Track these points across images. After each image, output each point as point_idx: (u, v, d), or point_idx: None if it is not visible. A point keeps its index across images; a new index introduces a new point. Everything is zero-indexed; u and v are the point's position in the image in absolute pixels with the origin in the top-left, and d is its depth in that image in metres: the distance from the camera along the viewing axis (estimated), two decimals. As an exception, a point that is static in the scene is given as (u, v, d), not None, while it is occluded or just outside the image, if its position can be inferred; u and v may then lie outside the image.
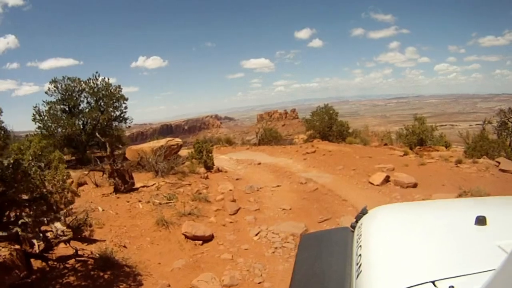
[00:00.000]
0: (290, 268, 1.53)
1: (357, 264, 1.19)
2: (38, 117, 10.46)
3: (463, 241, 1.14)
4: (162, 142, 9.84)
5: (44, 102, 10.75)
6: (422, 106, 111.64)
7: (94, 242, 4.73)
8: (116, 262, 4.27)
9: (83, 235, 4.60)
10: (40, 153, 3.02)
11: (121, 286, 3.94)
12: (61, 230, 4.11)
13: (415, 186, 7.38)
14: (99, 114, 10.99)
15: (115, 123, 11.98)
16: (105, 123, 11.20)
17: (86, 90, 11.26)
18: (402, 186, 7.42)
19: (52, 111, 10.67)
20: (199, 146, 9.67)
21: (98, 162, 7.64)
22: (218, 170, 9.38)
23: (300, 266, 1.45)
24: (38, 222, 3.12)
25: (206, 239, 5.22)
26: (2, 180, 3.07)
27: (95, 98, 11.31)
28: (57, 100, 10.98)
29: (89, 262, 4.20)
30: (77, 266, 4.12)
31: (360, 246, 1.28)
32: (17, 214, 3.20)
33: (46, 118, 10.52)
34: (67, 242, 4.11)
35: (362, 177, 8.30)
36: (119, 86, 11.71)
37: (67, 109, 11.10)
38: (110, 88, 11.47)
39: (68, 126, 10.43)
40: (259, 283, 4.24)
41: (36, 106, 10.54)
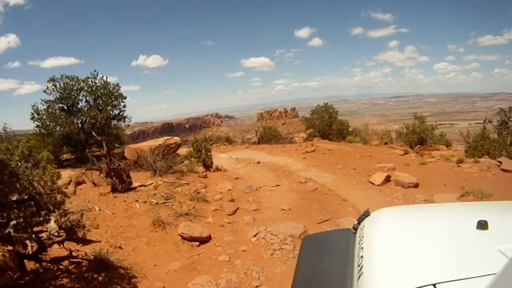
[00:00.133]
0: (289, 270, 1.49)
1: (358, 265, 1.20)
2: (36, 116, 10.38)
3: (465, 245, 1.14)
4: (160, 141, 9.72)
5: (42, 100, 10.68)
6: (422, 105, 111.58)
7: (90, 242, 4.66)
8: (111, 264, 4.19)
9: (78, 236, 4.54)
10: (28, 153, 2.93)
11: (115, 289, 3.86)
12: (55, 231, 4.03)
13: (417, 186, 7.28)
14: (98, 113, 10.89)
15: (114, 122, 11.88)
16: (103, 122, 11.11)
17: (85, 88, 11.16)
18: (403, 186, 7.31)
19: (50, 110, 10.56)
20: (198, 145, 9.60)
21: (96, 161, 7.56)
22: (217, 169, 9.30)
23: (301, 267, 1.45)
24: (28, 223, 3.03)
25: (203, 240, 5.13)
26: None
27: (94, 97, 11.20)
28: (55, 98, 10.85)
29: (83, 264, 4.12)
30: (71, 267, 4.05)
31: (362, 248, 1.28)
32: (4, 216, 3.11)
33: (44, 117, 10.44)
34: (61, 243, 4.03)
35: (362, 176, 8.21)
36: (118, 85, 11.58)
37: (66, 107, 10.99)
38: (109, 86, 11.37)
39: (66, 125, 10.33)
40: (257, 287, 4.14)
41: (34, 105, 10.47)
